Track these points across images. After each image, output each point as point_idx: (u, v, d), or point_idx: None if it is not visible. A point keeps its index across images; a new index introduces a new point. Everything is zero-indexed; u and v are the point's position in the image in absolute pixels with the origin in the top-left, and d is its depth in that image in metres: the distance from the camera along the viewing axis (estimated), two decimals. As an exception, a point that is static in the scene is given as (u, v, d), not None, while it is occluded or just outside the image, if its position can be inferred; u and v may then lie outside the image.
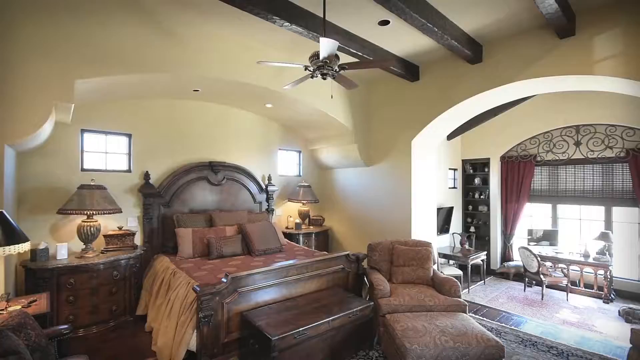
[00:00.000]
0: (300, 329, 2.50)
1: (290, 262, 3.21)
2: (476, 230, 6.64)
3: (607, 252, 4.89)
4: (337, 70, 2.75)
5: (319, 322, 2.62)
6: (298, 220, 5.42)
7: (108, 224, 3.87)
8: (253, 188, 5.15)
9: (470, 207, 6.80)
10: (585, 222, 5.51)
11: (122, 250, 3.71)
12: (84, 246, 3.50)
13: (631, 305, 4.27)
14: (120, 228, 3.85)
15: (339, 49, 3.44)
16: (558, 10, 2.75)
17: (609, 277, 4.72)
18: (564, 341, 3.30)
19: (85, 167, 3.82)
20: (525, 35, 3.45)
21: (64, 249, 3.37)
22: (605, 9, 2.95)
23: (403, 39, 3.63)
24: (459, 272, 5.12)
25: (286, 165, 5.86)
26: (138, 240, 4.11)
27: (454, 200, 6.66)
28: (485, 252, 5.81)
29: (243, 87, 3.96)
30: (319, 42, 2.45)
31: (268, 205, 5.31)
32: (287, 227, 5.50)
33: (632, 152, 4.83)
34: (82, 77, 2.87)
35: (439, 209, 5.86)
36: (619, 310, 4.27)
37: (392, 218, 4.84)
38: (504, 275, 5.95)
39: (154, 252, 4.15)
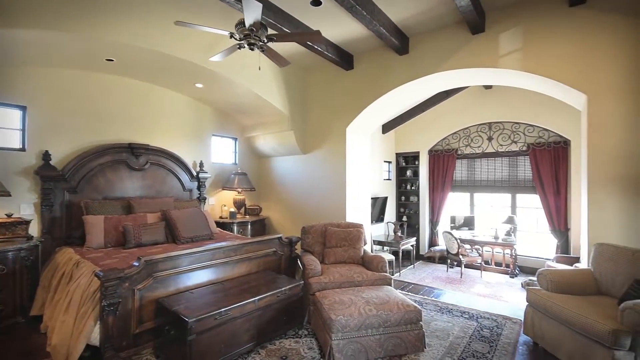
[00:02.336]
0: (222, 310, 2.35)
1: (216, 244, 3.02)
2: (408, 219, 7.07)
3: (512, 234, 5.58)
4: (265, 41, 2.67)
5: (244, 302, 2.50)
6: (233, 210, 5.18)
7: (-7, 211, 3.24)
8: (182, 175, 4.78)
9: (403, 198, 7.23)
10: (496, 208, 6.22)
11: (11, 241, 3.13)
12: (-45, 236, 2.87)
13: (531, 278, 4.91)
14: (9, 215, 3.25)
15: (273, 26, 3.37)
16: (469, 5, 3.03)
17: (514, 255, 5.38)
18: (475, 307, 3.65)
19: (-40, 142, 3.15)
20: (444, 30, 3.76)
21: None
22: (510, 8, 3.35)
23: (336, 23, 3.68)
24: (392, 257, 5.37)
25: (221, 152, 5.58)
26: (35, 230, 3.52)
27: (389, 191, 7.01)
28: (415, 239, 6.21)
29: (167, 61, 3.64)
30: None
31: (200, 194, 4.98)
32: (221, 217, 5.22)
33: (532, 147, 5.57)
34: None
35: (375, 199, 6.11)
36: (521, 283, 4.88)
37: (328, 206, 4.89)
38: (430, 259, 6.42)
39: (56, 244, 3.59)
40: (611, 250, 2.72)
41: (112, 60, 3.61)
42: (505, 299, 4.31)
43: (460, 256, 5.31)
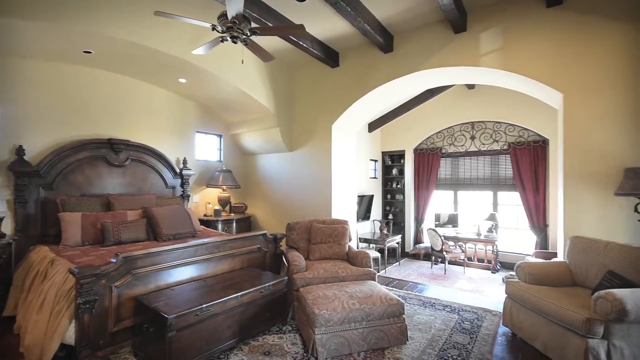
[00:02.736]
0: (203, 306, 2.31)
1: (199, 241, 2.97)
2: (394, 217, 7.14)
3: (494, 231, 5.71)
4: (248, 34, 2.64)
5: (226, 298, 2.46)
6: (217, 207, 5.11)
7: (-39, 207, 3.09)
8: (165, 172, 4.68)
9: (389, 196, 7.30)
10: (478, 206, 6.36)
11: (-19, 239, 3.00)
12: None
13: (511, 273, 5.02)
14: (-21, 212, 3.11)
15: (257, 21, 3.34)
16: (451, 3, 3.08)
17: (495, 251, 5.51)
18: (457, 301, 3.72)
19: None
20: (427, 29, 3.81)
21: None
22: (490, 8, 3.43)
23: (321, 19, 3.68)
24: (378, 255, 5.41)
25: (205, 149, 5.49)
26: (8, 228, 3.38)
27: (375, 189, 7.06)
28: (401, 236, 6.28)
29: (148, 54, 3.56)
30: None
31: (183, 191, 4.89)
32: (205, 215, 5.14)
33: (512, 145, 5.72)
34: None
35: (361, 197, 6.14)
36: (502, 278, 5.00)
37: (314, 204, 4.89)
38: (415, 256, 6.50)
39: (30, 242, 3.45)
40: (585, 243, 2.82)
41: (90, 53, 3.50)
42: (486, 293, 4.40)
43: (444, 253, 5.40)
